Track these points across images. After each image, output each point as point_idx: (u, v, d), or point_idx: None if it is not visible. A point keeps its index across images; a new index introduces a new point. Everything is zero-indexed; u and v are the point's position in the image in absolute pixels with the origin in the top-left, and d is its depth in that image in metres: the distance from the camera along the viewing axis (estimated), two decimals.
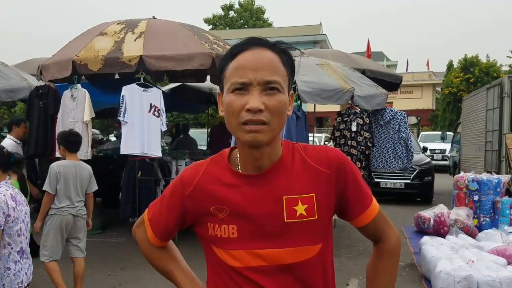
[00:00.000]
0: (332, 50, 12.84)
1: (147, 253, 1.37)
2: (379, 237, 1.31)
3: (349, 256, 5.90)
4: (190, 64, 5.42)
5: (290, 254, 1.16)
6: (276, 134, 1.15)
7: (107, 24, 5.96)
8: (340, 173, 1.21)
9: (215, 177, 1.22)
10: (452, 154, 13.69)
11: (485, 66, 24.95)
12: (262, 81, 1.10)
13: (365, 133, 6.37)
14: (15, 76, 7.32)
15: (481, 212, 5.53)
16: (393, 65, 35.09)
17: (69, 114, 5.43)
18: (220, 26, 35.75)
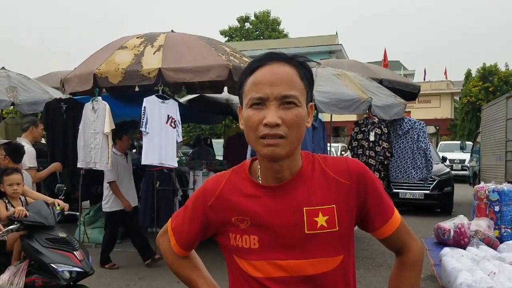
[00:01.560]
0: (349, 60, 12.83)
1: (171, 262, 1.40)
2: (401, 248, 1.30)
3: (368, 268, 5.83)
4: (207, 75, 5.49)
5: (311, 265, 1.17)
6: (294, 147, 1.16)
7: (127, 38, 6.08)
8: (361, 184, 1.22)
9: (237, 188, 1.24)
10: (472, 164, 13.47)
11: (504, 75, 24.60)
12: (279, 96, 1.12)
13: (384, 143, 6.32)
14: (37, 89, 7.52)
15: (502, 223, 5.43)
16: (410, 74, 34.82)
17: (90, 126, 5.54)
18: (236, 37, 36.04)
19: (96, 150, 5.49)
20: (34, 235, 3.39)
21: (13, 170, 3.75)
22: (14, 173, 3.72)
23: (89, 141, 5.53)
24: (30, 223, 3.38)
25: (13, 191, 3.67)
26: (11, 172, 3.72)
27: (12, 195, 3.69)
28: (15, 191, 3.68)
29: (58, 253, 3.34)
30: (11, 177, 3.68)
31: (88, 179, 7.10)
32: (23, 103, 6.98)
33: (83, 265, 3.36)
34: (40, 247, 3.33)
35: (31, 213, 3.44)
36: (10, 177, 3.68)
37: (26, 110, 7.17)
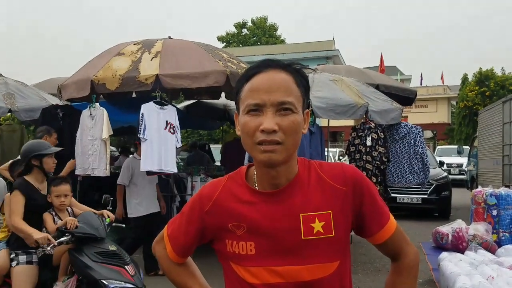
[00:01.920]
0: (346, 65, 12.88)
1: (167, 269, 1.39)
2: (397, 254, 1.31)
3: (367, 273, 5.83)
4: (205, 81, 5.50)
5: (307, 271, 1.17)
6: (291, 153, 1.17)
7: (124, 45, 6.09)
8: (357, 190, 1.22)
9: (233, 194, 1.25)
10: (469, 168, 13.50)
11: (501, 79, 24.70)
12: (275, 102, 1.13)
13: (380, 148, 6.34)
14: (35, 95, 7.51)
15: (500, 227, 5.43)
16: (407, 79, 34.92)
17: (87, 132, 5.53)
18: (233, 43, 36.15)
19: (94, 157, 5.48)
20: (83, 249, 3.20)
21: (61, 181, 3.55)
22: (63, 184, 3.52)
23: (86, 147, 5.51)
24: (81, 234, 3.20)
25: (60, 203, 3.48)
26: (59, 182, 3.52)
27: (59, 207, 3.50)
28: (62, 203, 3.49)
29: (109, 268, 3.14)
30: (59, 188, 3.48)
31: (86, 186, 7.08)
32: (20, 110, 6.97)
33: (135, 281, 3.17)
34: (89, 261, 3.14)
35: (82, 224, 3.27)
36: (58, 188, 3.48)
37: (23, 117, 7.15)
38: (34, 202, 3.43)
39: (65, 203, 3.52)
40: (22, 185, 3.43)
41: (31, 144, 3.70)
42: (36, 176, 3.55)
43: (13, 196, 3.39)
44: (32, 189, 3.48)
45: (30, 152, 3.53)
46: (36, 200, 3.45)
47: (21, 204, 3.35)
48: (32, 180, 3.52)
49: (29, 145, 3.66)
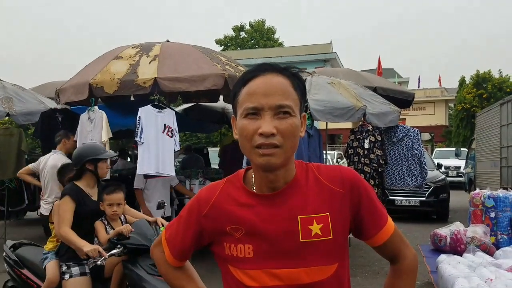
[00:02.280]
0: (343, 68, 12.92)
1: (165, 273, 1.39)
2: (395, 256, 1.31)
3: (365, 275, 5.82)
4: (203, 85, 5.51)
5: (306, 274, 1.17)
6: (289, 156, 1.17)
7: (123, 48, 6.10)
8: (354, 192, 1.23)
9: (231, 197, 1.25)
10: (467, 171, 13.51)
11: (498, 82, 24.80)
12: (273, 105, 1.13)
13: (377, 151, 6.35)
14: (33, 99, 7.51)
15: (498, 229, 5.44)
16: (405, 82, 35.05)
17: (86, 135, 5.52)
18: (231, 47, 36.21)
19: None
20: (138, 260, 3.00)
21: (114, 188, 3.31)
22: (116, 192, 3.30)
23: None
24: (133, 246, 3.00)
25: (112, 212, 3.27)
26: (112, 190, 3.30)
27: (112, 216, 3.30)
28: (114, 213, 3.28)
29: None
30: (112, 196, 3.27)
31: None
32: (18, 114, 6.97)
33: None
34: (145, 274, 2.93)
35: (135, 234, 3.08)
36: (111, 196, 3.27)
37: (21, 121, 7.16)
38: (85, 209, 3.25)
39: (118, 213, 3.30)
40: (73, 191, 3.25)
41: (86, 148, 3.51)
42: (88, 181, 3.37)
43: (63, 202, 3.20)
44: (83, 194, 3.29)
45: (85, 156, 3.34)
46: (87, 206, 3.27)
47: (70, 212, 3.17)
48: (83, 185, 3.34)
49: (84, 149, 3.47)
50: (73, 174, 3.39)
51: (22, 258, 3.58)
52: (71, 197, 3.20)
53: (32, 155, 9.87)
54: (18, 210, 8.28)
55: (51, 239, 3.51)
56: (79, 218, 3.21)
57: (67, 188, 3.28)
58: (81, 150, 3.47)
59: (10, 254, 3.66)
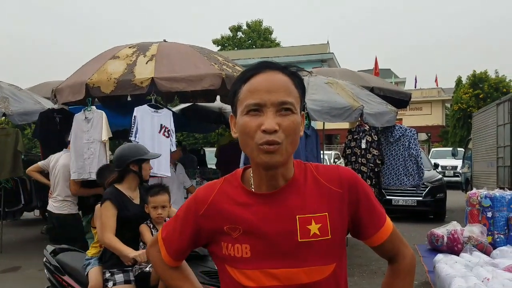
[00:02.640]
0: (340, 68, 12.91)
1: (161, 273, 1.39)
2: (394, 256, 1.31)
3: (363, 275, 5.83)
4: (200, 85, 5.49)
5: (304, 274, 1.16)
6: (290, 153, 1.16)
7: (119, 48, 6.07)
8: (353, 192, 1.22)
9: (229, 196, 1.24)
10: (464, 171, 13.55)
11: (494, 82, 24.87)
12: (276, 102, 1.13)
13: (374, 150, 6.37)
14: (29, 99, 7.49)
15: (495, 229, 5.45)
16: (401, 82, 35.12)
17: (82, 135, 5.48)
18: (228, 47, 36.19)
19: (90, 160, 5.44)
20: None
21: (159, 190, 3.13)
22: (160, 193, 3.11)
23: (81, 151, 5.47)
24: None
25: (157, 215, 3.08)
26: (157, 192, 3.11)
27: (157, 219, 3.10)
28: (159, 216, 3.08)
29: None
30: (156, 198, 3.09)
31: None
32: (15, 114, 6.94)
33: None
34: None
35: None
36: (155, 198, 3.09)
37: (17, 121, 7.13)
38: (127, 214, 3.09)
39: (163, 216, 3.10)
40: (113, 195, 3.08)
41: (129, 148, 3.29)
42: (130, 183, 3.20)
43: (104, 208, 3.04)
44: (124, 199, 3.12)
45: (129, 156, 3.16)
46: (129, 211, 3.10)
47: (113, 218, 3.01)
48: (124, 188, 3.17)
49: (128, 149, 3.26)
50: (115, 176, 3.20)
51: (63, 263, 3.42)
52: (112, 202, 3.03)
53: (28, 155, 9.84)
54: (15, 210, 8.26)
55: (94, 245, 3.36)
56: (122, 223, 3.07)
57: (108, 193, 3.10)
58: (125, 150, 3.25)
59: (51, 260, 3.50)
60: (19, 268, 6.34)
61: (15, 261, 6.63)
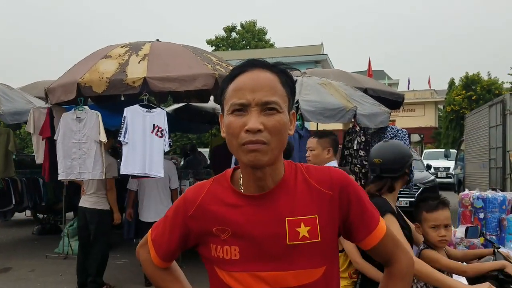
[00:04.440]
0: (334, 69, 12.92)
1: (151, 274, 1.37)
2: (388, 259, 1.28)
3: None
4: (193, 84, 5.46)
5: (293, 277, 1.14)
6: (276, 153, 1.14)
7: (112, 47, 6.03)
8: (344, 194, 1.20)
9: (218, 197, 1.22)
10: (456, 172, 13.62)
11: (487, 84, 25.05)
12: (260, 101, 1.11)
13: (361, 152, 6.42)
14: (21, 99, 7.43)
15: (487, 230, 5.46)
16: (395, 84, 35.26)
17: (71, 135, 5.43)
18: (222, 47, 36.13)
19: (82, 160, 5.39)
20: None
21: (438, 203, 2.39)
22: (441, 208, 2.37)
23: (70, 151, 5.42)
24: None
25: (440, 238, 2.34)
26: (436, 206, 2.37)
27: (439, 243, 2.36)
28: (442, 239, 2.35)
29: None
30: (437, 215, 2.35)
31: (72, 190, 6.99)
32: (6, 113, 6.88)
33: None
34: None
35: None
36: (435, 215, 2.35)
37: (9, 120, 7.07)
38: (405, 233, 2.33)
39: (447, 238, 2.39)
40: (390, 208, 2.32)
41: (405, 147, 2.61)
42: (395, 194, 2.49)
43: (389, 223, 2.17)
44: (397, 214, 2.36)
45: (409, 156, 2.49)
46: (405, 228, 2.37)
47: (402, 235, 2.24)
48: (391, 200, 2.41)
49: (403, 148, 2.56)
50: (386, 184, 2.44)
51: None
52: (394, 215, 2.29)
53: (20, 155, 9.75)
54: (6, 211, 8.17)
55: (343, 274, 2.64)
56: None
57: (383, 203, 2.31)
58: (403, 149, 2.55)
59: None
60: (10, 269, 6.28)
61: (6, 262, 6.57)
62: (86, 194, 5.38)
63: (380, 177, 2.45)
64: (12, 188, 7.96)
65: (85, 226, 5.34)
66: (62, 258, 6.77)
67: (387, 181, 2.43)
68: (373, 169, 2.52)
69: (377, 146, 2.64)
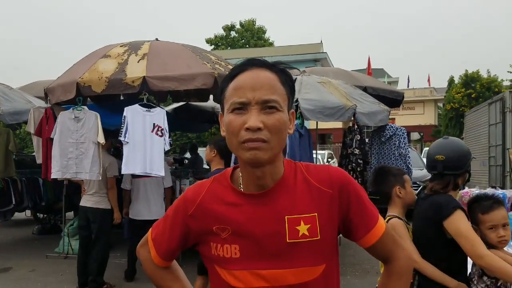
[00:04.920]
0: (333, 68, 12.94)
1: (151, 273, 1.37)
2: (387, 257, 1.29)
3: (355, 274, 5.83)
4: (192, 84, 5.46)
5: (292, 275, 1.15)
6: (276, 152, 1.15)
7: (111, 47, 6.03)
8: (343, 193, 1.21)
9: (218, 196, 1.23)
10: None
11: (486, 81, 25.05)
12: (260, 100, 1.12)
13: (356, 150, 6.45)
14: (20, 98, 7.42)
15: None
16: (394, 82, 35.28)
17: (68, 134, 5.42)
18: (222, 46, 36.12)
19: (79, 160, 5.39)
20: None
21: (492, 203, 2.33)
22: (496, 208, 2.31)
23: (66, 150, 5.42)
24: None
25: (499, 238, 2.28)
26: (490, 206, 2.32)
27: (499, 244, 2.29)
28: (502, 239, 2.28)
29: None
30: (494, 215, 2.29)
31: (72, 190, 7.00)
32: (6, 113, 6.87)
33: None
34: None
35: None
36: (492, 215, 2.29)
37: (8, 120, 7.06)
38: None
39: (506, 238, 2.29)
40: (459, 203, 2.36)
41: (465, 144, 2.57)
42: (456, 192, 2.51)
43: (461, 218, 2.27)
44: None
45: (470, 154, 2.48)
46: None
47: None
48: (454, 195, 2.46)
49: (465, 145, 2.55)
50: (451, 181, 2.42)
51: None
52: (463, 211, 2.30)
53: (20, 155, 9.75)
54: (6, 210, 8.17)
55: None
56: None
57: (452, 199, 2.34)
58: (465, 146, 2.53)
59: None
60: (10, 269, 6.28)
61: (6, 262, 6.57)
62: (88, 194, 5.39)
63: (442, 175, 2.43)
64: (12, 188, 7.95)
65: (86, 225, 5.34)
66: (63, 258, 6.77)
67: (451, 178, 2.42)
68: (433, 166, 2.48)
69: (438, 143, 2.59)
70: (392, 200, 2.65)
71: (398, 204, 2.64)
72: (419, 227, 2.52)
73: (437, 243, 2.36)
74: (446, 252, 2.33)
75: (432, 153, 2.51)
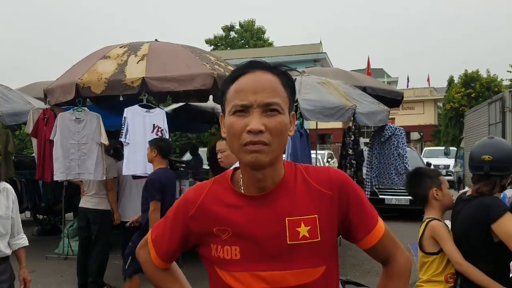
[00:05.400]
0: (333, 68, 12.93)
1: (151, 275, 1.37)
2: (386, 259, 1.29)
3: (356, 275, 5.83)
4: (192, 84, 5.46)
5: (293, 276, 1.15)
6: (277, 154, 1.15)
7: (110, 48, 6.03)
8: (343, 194, 1.21)
9: (218, 198, 1.23)
10: (456, 170, 13.62)
11: (486, 81, 25.08)
12: (262, 103, 1.11)
13: (349, 150, 6.46)
14: (19, 99, 7.41)
15: None
16: (394, 82, 35.31)
17: (69, 136, 5.43)
18: (221, 46, 36.13)
19: (82, 161, 5.39)
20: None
21: None
22: None
23: (68, 151, 5.42)
24: None
25: None
26: None
27: None
28: None
29: None
30: None
31: (72, 191, 6.99)
32: (5, 114, 6.86)
33: None
34: None
35: None
36: None
37: (7, 121, 7.05)
38: None
39: None
40: (507, 206, 2.31)
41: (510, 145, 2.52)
42: (500, 193, 2.46)
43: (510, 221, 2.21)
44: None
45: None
46: None
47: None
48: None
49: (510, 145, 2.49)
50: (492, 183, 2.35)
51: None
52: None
53: (19, 156, 9.74)
54: None
55: (435, 277, 2.67)
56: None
57: (500, 202, 2.31)
58: (510, 146, 2.47)
59: None
60: None
61: None
62: (87, 195, 5.39)
63: (488, 176, 2.35)
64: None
65: (86, 226, 5.34)
66: (62, 259, 6.76)
67: (497, 179, 2.35)
68: (479, 167, 2.38)
69: (483, 143, 2.48)
70: (429, 203, 2.59)
71: (435, 207, 2.58)
72: (461, 230, 2.44)
73: (483, 246, 2.32)
74: (492, 255, 2.29)
75: (477, 153, 2.40)
